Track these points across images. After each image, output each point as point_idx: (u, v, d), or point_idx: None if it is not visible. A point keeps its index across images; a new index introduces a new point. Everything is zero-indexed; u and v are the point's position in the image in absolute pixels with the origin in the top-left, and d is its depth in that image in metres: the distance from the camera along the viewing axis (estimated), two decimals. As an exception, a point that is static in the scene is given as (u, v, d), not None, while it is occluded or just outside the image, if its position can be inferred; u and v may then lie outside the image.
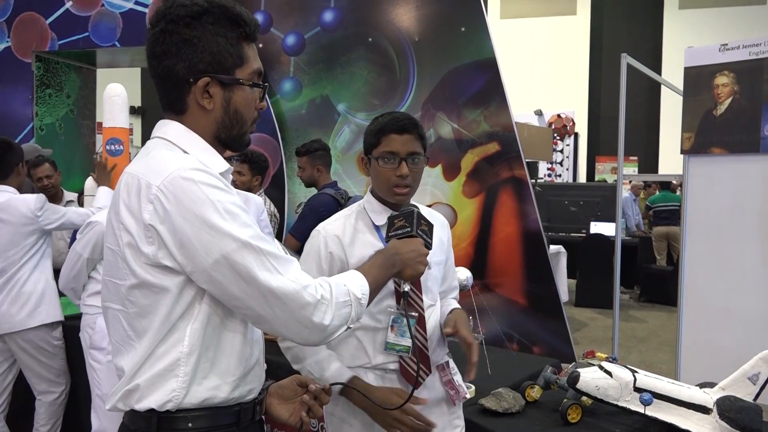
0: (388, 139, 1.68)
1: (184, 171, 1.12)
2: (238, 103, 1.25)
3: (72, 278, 2.89)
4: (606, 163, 13.25)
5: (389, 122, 1.69)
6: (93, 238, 2.81)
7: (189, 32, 1.18)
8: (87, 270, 2.87)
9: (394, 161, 1.67)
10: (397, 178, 1.67)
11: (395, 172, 1.67)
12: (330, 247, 1.69)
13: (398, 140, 1.67)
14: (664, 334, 6.68)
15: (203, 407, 1.18)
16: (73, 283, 2.91)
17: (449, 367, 1.80)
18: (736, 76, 3.71)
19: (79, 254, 2.83)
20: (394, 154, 1.67)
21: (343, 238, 1.69)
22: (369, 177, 1.79)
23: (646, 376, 1.80)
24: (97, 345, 2.82)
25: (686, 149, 3.93)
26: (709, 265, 3.72)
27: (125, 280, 1.16)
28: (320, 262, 1.68)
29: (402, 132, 1.68)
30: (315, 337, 1.19)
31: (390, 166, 1.68)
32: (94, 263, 2.86)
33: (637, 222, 9.35)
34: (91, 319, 2.86)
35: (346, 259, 1.67)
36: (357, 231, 1.72)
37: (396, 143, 1.67)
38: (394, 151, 1.67)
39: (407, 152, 1.67)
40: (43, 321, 3.14)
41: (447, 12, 4.53)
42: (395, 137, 1.68)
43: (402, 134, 1.68)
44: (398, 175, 1.67)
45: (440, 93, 4.54)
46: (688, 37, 9.06)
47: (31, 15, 5.25)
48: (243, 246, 1.11)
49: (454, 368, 1.82)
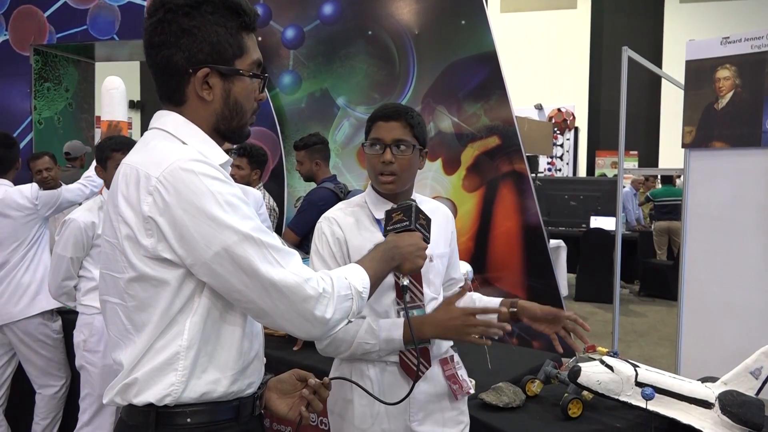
0: (376, 127, 1.70)
1: (184, 162, 1.10)
2: (238, 94, 1.23)
3: (61, 283, 2.84)
4: (606, 158, 13.23)
5: (378, 110, 1.72)
6: (71, 236, 2.77)
7: (188, 22, 1.16)
8: (74, 270, 2.83)
9: (380, 148, 1.68)
10: (381, 165, 1.68)
11: (380, 159, 1.68)
12: (336, 233, 1.70)
13: (384, 127, 1.69)
14: (664, 328, 6.68)
15: (202, 402, 1.17)
16: (65, 287, 2.86)
17: (453, 361, 1.78)
18: (737, 69, 3.70)
19: (62, 256, 2.79)
20: (380, 141, 1.68)
21: (345, 228, 1.70)
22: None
23: (648, 370, 1.79)
24: (92, 348, 2.80)
25: (687, 143, 3.91)
26: (709, 259, 3.71)
27: (124, 273, 1.14)
28: (331, 248, 1.68)
29: (388, 119, 1.69)
30: (316, 330, 1.18)
31: (375, 153, 1.69)
32: (79, 261, 2.82)
33: (637, 216, 9.34)
34: (88, 320, 2.82)
35: (347, 250, 1.68)
36: (358, 222, 1.72)
37: (382, 130, 1.69)
38: (379, 138, 1.69)
39: (392, 139, 1.67)
40: (42, 308, 3.15)
41: (447, 5, 4.50)
42: (382, 124, 1.69)
43: (388, 121, 1.68)
44: (382, 162, 1.67)
45: (440, 86, 4.51)
46: (689, 32, 9.01)
47: (29, 8, 5.22)
48: (244, 238, 1.10)
49: (458, 362, 1.80)
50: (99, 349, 2.78)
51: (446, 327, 1.59)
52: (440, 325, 1.60)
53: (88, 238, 2.77)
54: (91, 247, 2.79)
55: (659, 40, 13.30)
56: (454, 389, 1.74)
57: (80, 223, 2.75)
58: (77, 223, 2.75)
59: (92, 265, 2.81)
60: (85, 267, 2.84)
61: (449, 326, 1.59)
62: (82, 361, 2.83)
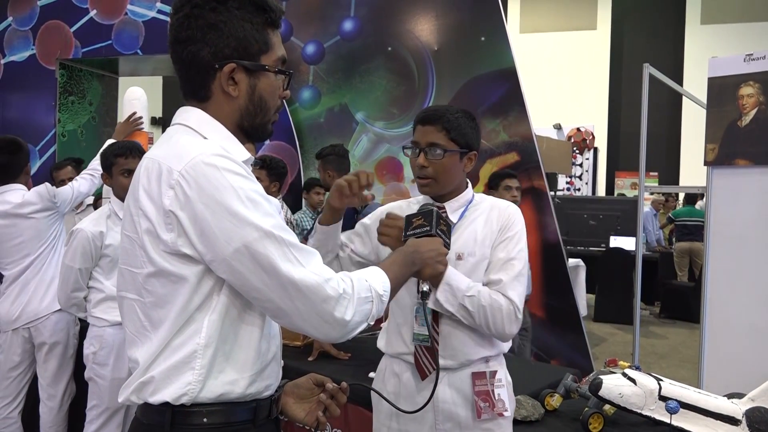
0: (416, 130, 1.73)
1: (207, 156, 1.10)
2: (263, 90, 1.23)
3: (71, 294, 2.82)
4: (626, 179, 13.11)
5: (420, 113, 1.74)
6: (79, 246, 2.73)
7: (215, 17, 1.17)
8: (83, 281, 2.80)
9: (416, 152, 1.71)
10: (417, 168, 1.70)
11: (415, 162, 1.70)
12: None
13: (420, 130, 1.71)
14: (686, 350, 6.55)
15: (219, 402, 1.16)
16: (74, 299, 2.84)
17: (493, 377, 1.68)
18: (761, 86, 3.65)
19: (70, 267, 2.75)
20: (417, 144, 1.71)
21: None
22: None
23: (672, 384, 1.74)
24: (102, 361, 2.78)
25: (710, 161, 3.86)
26: (733, 279, 3.63)
27: (142, 268, 1.14)
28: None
29: (424, 123, 1.70)
30: (335, 332, 1.16)
31: (412, 156, 1.72)
32: (88, 272, 2.80)
33: (658, 237, 9.22)
34: (99, 332, 2.80)
35: None
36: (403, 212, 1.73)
37: (418, 133, 1.72)
38: (416, 141, 1.72)
39: (426, 143, 1.69)
40: None
41: (467, 21, 4.52)
42: (419, 127, 1.72)
43: (424, 125, 1.70)
44: (417, 165, 1.69)
45: (459, 102, 4.51)
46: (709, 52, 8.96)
47: (56, 23, 5.33)
48: (265, 235, 1.08)
49: (501, 380, 1.70)
50: (108, 362, 2.76)
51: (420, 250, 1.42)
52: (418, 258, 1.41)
53: (96, 248, 2.76)
54: (100, 258, 2.78)
55: (680, 61, 13.23)
56: (481, 407, 1.64)
57: (87, 233, 2.74)
58: (84, 233, 2.73)
59: (102, 276, 2.80)
60: (96, 278, 2.81)
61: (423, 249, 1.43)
62: (92, 374, 2.82)
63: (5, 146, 3.19)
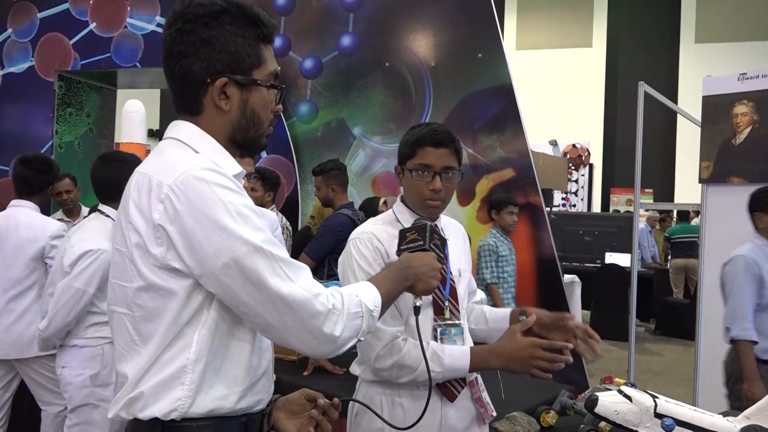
0: (424, 152, 1.64)
1: (197, 171, 1.10)
2: (255, 104, 1.23)
3: (72, 320, 2.53)
4: (621, 195, 13.16)
5: (426, 134, 1.65)
6: (99, 270, 2.49)
7: (207, 32, 1.17)
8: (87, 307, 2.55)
9: (428, 175, 1.63)
10: (429, 192, 1.63)
11: (428, 186, 1.63)
12: (376, 245, 1.63)
13: (434, 153, 1.63)
14: (681, 368, 6.53)
15: (209, 417, 1.14)
16: (70, 325, 2.56)
17: (478, 383, 1.74)
18: (755, 105, 3.68)
19: (83, 290, 2.50)
20: (429, 168, 1.63)
21: (383, 241, 1.64)
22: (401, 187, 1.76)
23: (667, 401, 1.73)
24: (106, 381, 2.58)
25: (705, 178, 3.88)
26: (728, 296, 3.63)
27: (132, 282, 1.13)
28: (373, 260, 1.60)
29: (438, 145, 1.63)
30: (324, 348, 1.16)
31: (424, 180, 1.64)
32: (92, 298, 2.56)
33: (653, 253, 9.23)
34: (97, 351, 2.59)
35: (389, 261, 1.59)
36: (393, 238, 1.63)
37: (431, 156, 1.63)
38: (428, 164, 1.63)
39: (442, 166, 1.63)
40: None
41: (464, 38, 4.56)
42: (431, 150, 1.63)
43: (438, 147, 1.63)
44: (431, 189, 1.63)
45: (456, 118, 4.54)
46: (704, 71, 9.03)
47: (55, 35, 5.35)
48: (254, 250, 1.08)
49: (482, 385, 1.76)
50: (112, 381, 2.54)
51: (512, 358, 1.56)
52: (507, 355, 1.57)
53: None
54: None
55: (674, 79, 13.32)
56: (482, 412, 1.71)
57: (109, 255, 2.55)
58: (107, 256, 2.45)
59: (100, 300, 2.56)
60: (94, 303, 2.58)
61: (515, 357, 1.55)
62: (92, 399, 2.58)
63: (35, 162, 3.12)
